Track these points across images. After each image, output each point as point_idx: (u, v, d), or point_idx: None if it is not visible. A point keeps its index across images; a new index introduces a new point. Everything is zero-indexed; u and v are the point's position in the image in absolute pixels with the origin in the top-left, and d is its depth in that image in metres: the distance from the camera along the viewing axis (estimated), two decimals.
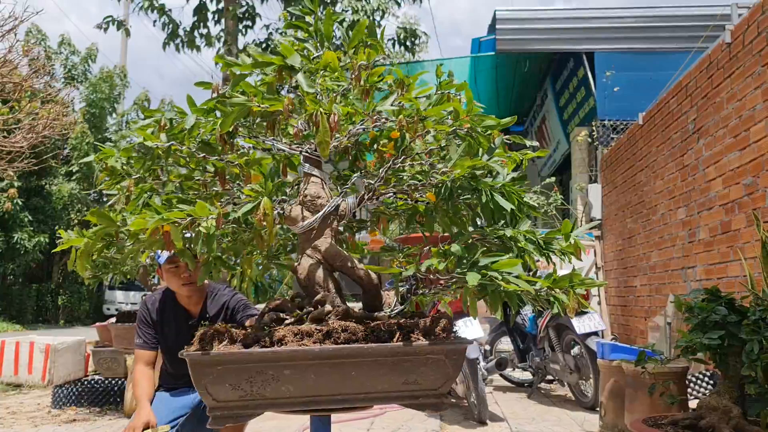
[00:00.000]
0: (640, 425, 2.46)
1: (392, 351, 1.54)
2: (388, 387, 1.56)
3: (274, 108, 1.60)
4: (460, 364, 1.60)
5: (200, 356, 1.48)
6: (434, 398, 1.59)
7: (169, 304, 2.97)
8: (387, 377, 1.55)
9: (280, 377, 1.49)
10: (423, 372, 1.55)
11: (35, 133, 7.30)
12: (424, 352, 1.55)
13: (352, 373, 1.52)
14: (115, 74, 21.36)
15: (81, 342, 6.67)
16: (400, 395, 1.58)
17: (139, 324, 2.95)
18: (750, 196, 4.38)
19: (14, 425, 4.85)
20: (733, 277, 4.62)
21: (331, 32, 1.80)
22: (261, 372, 1.49)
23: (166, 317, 2.95)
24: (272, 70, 1.63)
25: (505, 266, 1.54)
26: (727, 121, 4.76)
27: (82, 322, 19.91)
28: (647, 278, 6.74)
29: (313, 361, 1.50)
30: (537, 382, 6.04)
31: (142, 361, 2.90)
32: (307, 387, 1.51)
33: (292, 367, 1.49)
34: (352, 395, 1.55)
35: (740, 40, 4.56)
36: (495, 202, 1.66)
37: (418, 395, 1.58)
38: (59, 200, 19.16)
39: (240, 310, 2.91)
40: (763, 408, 2.26)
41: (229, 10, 13.27)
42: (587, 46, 10.35)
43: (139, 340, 2.93)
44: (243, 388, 1.49)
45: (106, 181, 1.78)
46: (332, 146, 1.76)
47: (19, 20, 6.36)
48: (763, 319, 2.29)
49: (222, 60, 1.64)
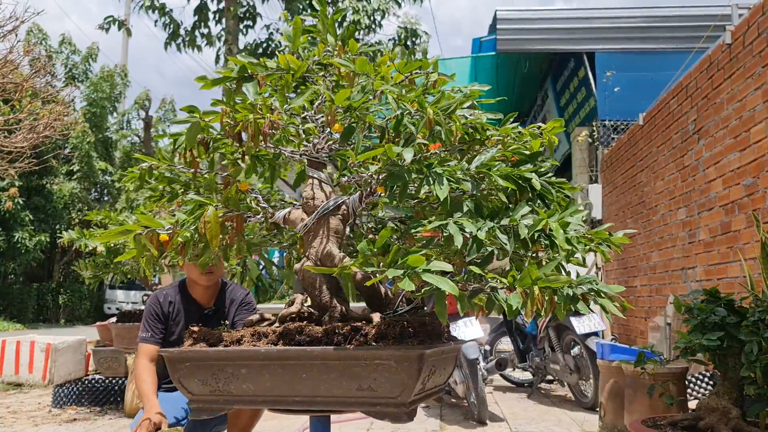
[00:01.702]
0: (639, 426, 2.46)
1: (339, 355, 1.49)
2: (343, 392, 1.51)
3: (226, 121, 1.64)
4: (414, 371, 1.46)
5: (169, 352, 1.65)
6: (393, 407, 1.49)
7: (182, 299, 2.97)
8: (339, 382, 1.51)
9: (239, 375, 1.58)
10: (376, 378, 1.48)
11: (36, 133, 7.31)
12: (371, 357, 1.48)
13: (303, 375, 1.53)
14: (115, 73, 21.38)
15: (81, 341, 6.68)
16: (357, 401, 1.52)
17: (147, 317, 2.92)
18: (750, 197, 4.38)
19: (15, 424, 4.86)
20: (733, 277, 4.63)
21: (335, 34, 1.81)
22: (222, 369, 1.59)
23: (176, 312, 2.95)
24: (234, 81, 1.68)
25: (416, 262, 1.37)
26: (728, 122, 4.76)
27: (82, 322, 19.93)
28: (647, 278, 6.74)
29: (264, 362, 1.56)
30: (537, 383, 6.05)
31: (146, 356, 2.85)
32: (264, 386, 1.57)
33: (247, 366, 1.57)
34: (308, 398, 1.53)
35: (740, 41, 4.56)
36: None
37: (375, 403, 1.50)
38: (60, 199, 19.19)
39: (242, 311, 2.92)
40: (762, 409, 2.26)
41: (230, 10, 13.27)
42: (588, 46, 10.35)
43: (146, 333, 2.89)
44: (210, 384, 1.60)
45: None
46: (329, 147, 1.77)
47: (20, 21, 6.36)
48: (763, 321, 2.29)
49: (201, 80, 1.71)
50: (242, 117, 1.60)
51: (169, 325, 2.94)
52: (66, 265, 20.23)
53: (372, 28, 13.88)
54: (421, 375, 1.47)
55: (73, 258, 19.07)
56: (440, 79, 1.78)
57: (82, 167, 19.86)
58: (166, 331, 2.93)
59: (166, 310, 2.93)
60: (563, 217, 1.52)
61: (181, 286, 3.00)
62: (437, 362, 1.59)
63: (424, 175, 1.52)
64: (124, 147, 22.82)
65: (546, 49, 11.01)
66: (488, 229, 1.46)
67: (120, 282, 5.37)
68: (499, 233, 1.46)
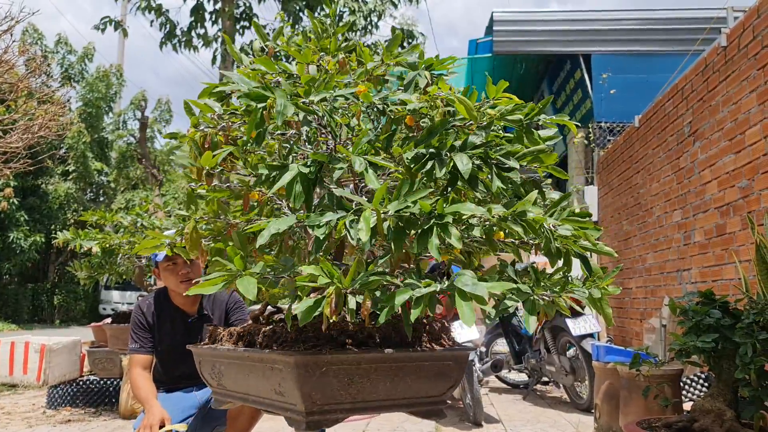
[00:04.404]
0: (634, 427, 2.46)
1: (259, 358, 1.50)
2: (264, 394, 1.52)
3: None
4: (299, 377, 1.38)
5: (194, 348, 1.80)
6: (296, 414, 1.43)
7: (164, 305, 2.94)
8: (262, 383, 1.52)
9: (223, 372, 1.68)
10: (281, 382, 1.44)
11: (31, 133, 7.29)
12: (271, 360, 1.46)
13: (249, 375, 1.57)
14: (111, 73, 21.33)
15: (76, 342, 6.65)
16: (273, 404, 1.51)
17: (134, 328, 2.90)
18: (745, 199, 4.39)
19: (9, 426, 4.84)
20: (728, 279, 4.64)
21: (335, 47, 1.80)
22: (214, 366, 1.71)
23: (162, 319, 2.92)
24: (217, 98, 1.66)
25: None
26: (723, 124, 4.77)
27: (78, 322, 19.86)
28: (643, 280, 6.75)
29: (227, 360, 1.65)
30: (532, 384, 6.05)
31: (139, 366, 2.84)
32: (237, 384, 1.64)
33: (227, 365, 1.66)
34: (258, 398, 1.57)
35: (736, 43, 4.58)
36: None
37: (287, 408, 1.46)
38: (55, 200, 19.15)
39: (235, 311, 2.92)
40: (757, 411, 2.27)
41: (225, 11, 13.26)
42: (584, 48, 10.38)
43: (135, 344, 2.87)
44: (215, 377, 1.72)
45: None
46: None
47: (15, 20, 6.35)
48: (757, 323, 2.30)
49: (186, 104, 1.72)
50: (192, 135, 1.63)
51: (160, 333, 2.92)
52: (61, 266, 20.18)
53: (368, 29, 13.90)
54: (309, 383, 1.38)
55: (69, 258, 19.03)
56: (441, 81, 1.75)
57: (78, 168, 19.81)
58: (154, 340, 2.91)
59: (150, 320, 2.90)
60: (516, 208, 1.41)
61: (163, 295, 2.97)
62: (351, 372, 1.44)
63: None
64: (120, 147, 22.76)
65: (542, 50, 11.04)
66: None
67: (115, 283, 5.35)
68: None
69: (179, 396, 2.89)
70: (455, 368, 1.60)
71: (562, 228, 1.45)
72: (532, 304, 1.44)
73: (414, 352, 1.53)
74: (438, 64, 1.73)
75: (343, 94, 1.54)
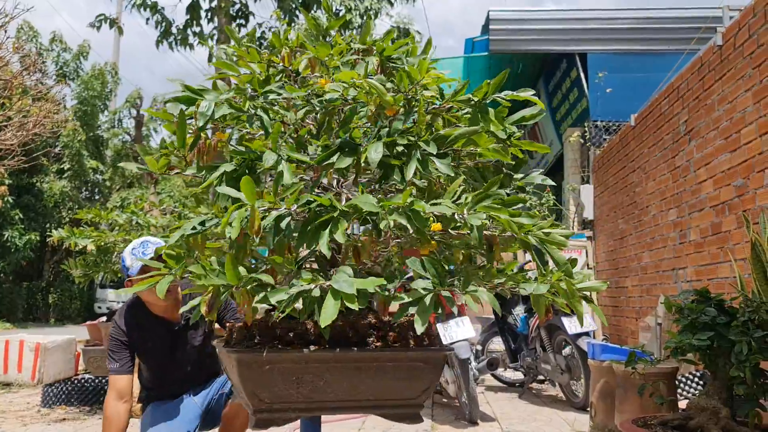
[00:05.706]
0: (629, 425, 2.47)
1: (227, 355, 1.56)
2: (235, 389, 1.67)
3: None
4: (242, 374, 1.40)
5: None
6: (249, 412, 1.50)
7: (145, 318, 2.83)
8: (233, 380, 1.60)
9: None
10: (233, 379, 1.56)
11: (26, 130, 7.26)
12: (226, 357, 1.56)
13: (229, 372, 1.65)
14: (106, 71, 21.25)
15: (71, 341, 6.63)
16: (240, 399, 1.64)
17: (112, 348, 2.76)
18: (740, 198, 4.40)
19: (3, 424, 4.82)
20: (723, 278, 4.65)
21: (326, 54, 1.79)
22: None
23: (145, 331, 2.81)
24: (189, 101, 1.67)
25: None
26: (718, 123, 4.78)
27: (73, 321, 19.79)
28: (638, 279, 6.77)
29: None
30: (528, 382, 6.05)
31: (115, 391, 2.68)
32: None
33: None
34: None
35: (731, 42, 4.58)
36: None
37: (245, 404, 1.55)
38: (50, 198, 19.06)
39: (226, 312, 2.88)
40: (752, 408, 2.27)
41: (222, 8, 13.23)
42: (580, 47, 10.38)
43: (114, 364, 2.73)
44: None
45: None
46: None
47: (9, 17, 6.31)
48: (752, 321, 2.30)
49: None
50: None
51: (145, 345, 2.81)
52: (56, 264, 20.10)
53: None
54: (251, 380, 1.42)
55: (64, 257, 18.94)
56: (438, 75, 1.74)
57: (73, 165, 19.73)
58: (136, 355, 2.81)
59: (131, 336, 2.78)
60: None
61: (139, 307, 2.84)
62: (298, 371, 1.44)
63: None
64: (115, 145, 22.68)
65: (539, 49, 11.03)
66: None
67: (110, 281, 5.34)
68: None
69: (181, 408, 2.82)
70: (427, 370, 1.53)
71: (474, 218, 1.39)
72: (426, 303, 1.38)
73: (373, 352, 1.48)
74: (391, 50, 1.74)
75: (272, 89, 1.58)
